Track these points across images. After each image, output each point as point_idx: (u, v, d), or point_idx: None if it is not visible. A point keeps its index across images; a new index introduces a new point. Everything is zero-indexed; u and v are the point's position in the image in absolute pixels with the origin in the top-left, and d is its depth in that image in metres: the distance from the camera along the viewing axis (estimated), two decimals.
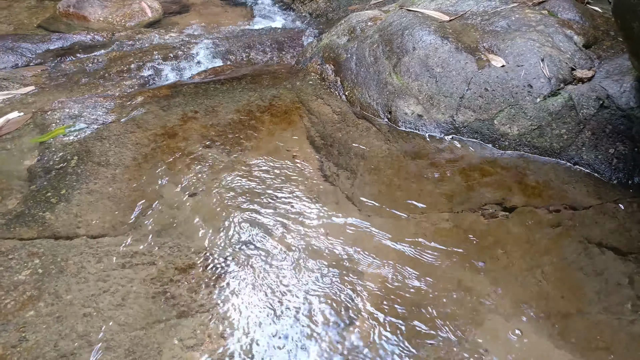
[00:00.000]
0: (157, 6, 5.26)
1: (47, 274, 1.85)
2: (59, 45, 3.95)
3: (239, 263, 1.94)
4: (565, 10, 2.88)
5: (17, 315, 1.70)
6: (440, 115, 2.65)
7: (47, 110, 2.75)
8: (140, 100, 2.88)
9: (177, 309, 1.76)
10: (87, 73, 3.54)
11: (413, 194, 2.28)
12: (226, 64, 3.66)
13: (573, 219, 2.15)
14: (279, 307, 1.78)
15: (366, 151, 2.54)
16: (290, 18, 5.17)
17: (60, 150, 2.46)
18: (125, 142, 2.53)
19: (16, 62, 3.64)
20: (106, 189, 2.25)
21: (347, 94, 2.99)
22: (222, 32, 4.25)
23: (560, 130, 2.45)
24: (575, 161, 2.42)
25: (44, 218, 2.08)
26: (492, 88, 2.56)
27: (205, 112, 2.79)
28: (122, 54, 3.82)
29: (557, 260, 1.96)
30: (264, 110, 2.83)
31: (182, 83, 3.18)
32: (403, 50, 2.80)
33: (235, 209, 2.18)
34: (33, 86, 3.21)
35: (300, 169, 2.42)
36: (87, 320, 1.70)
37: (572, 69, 2.57)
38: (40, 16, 4.88)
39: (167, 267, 1.91)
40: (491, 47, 2.71)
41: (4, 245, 1.95)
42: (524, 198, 2.26)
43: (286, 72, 3.33)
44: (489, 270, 1.92)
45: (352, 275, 1.90)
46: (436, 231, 2.09)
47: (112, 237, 2.04)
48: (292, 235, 2.07)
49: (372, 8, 4.25)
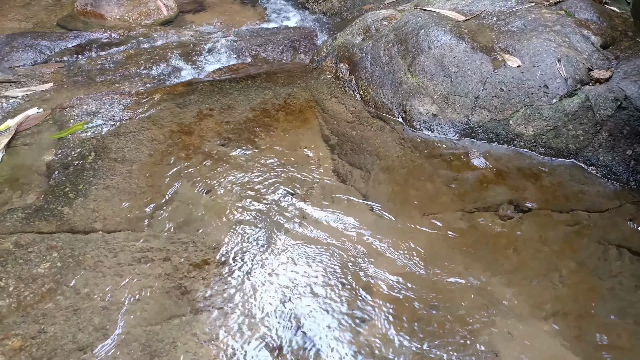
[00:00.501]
0: (172, 4, 5.30)
1: (65, 267, 1.88)
2: (77, 43, 3.99)
3: (253, 259, 1.96)
4: (583, 10, 2.86)
5: (36, 307, 1.73)
6: (455, 115, 2.64)
7: (66, 107, 2.79)
8: (157, 98, 2.91)
9: (192, 304, 1.78)
10: (103, 70, 3.58)
11: (427, 194, 2.28)
12: (241, 62, 3.68)
13: (589, 220, 2.14)
14: (292, 304, 1.79)
15: (380, 150, 2.55)
16: (305, 17, 5.18)
17: (78, 146, 2.50)
18: (141, 139, 2.56)
19: (35, 59, 3.69)
20: (122, 185, 2.28)
21: (362, 93, 2.99)
22: (237, 31, 4.27)
23: (576, 131, 2.44)
24: (591, 163, 2.40)
25: (62, 212, 2.11)
26: (507, 88, 2.55)
27: (221, 110, 2.81)
28: (138, 51, 3.86)
29: (572, 261, 1.95)
30: (279, 109, 2.85)
31: (197, 81, 3.21)
32: (418, 49, 2.80)
33: (249, 206, 2.20)
34: (51, 83, 3.25)
35: (314, 167, 2.43)
36: (104, 314, 1.73)
37: (589, 69, 2.55)
38: (58, 14, 4.94)
39: (182, 263, 1.94)
40: (507, 47, 2.69)
41: (24, 238, 1.98)
42: (539, 199, 2.24)
43: (300, 71, 3.34)
44: (502, 271, 1.92)
45: (365, 274, 1.91)
46: (450, 231, 2.09)
47: (128, 232, 2.06)
48: (305, 233, 2.08)
49: (386, 7, 4.25)
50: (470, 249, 2.01)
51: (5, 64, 3.53)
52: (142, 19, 5.02)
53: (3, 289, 1.78)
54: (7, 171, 2.35)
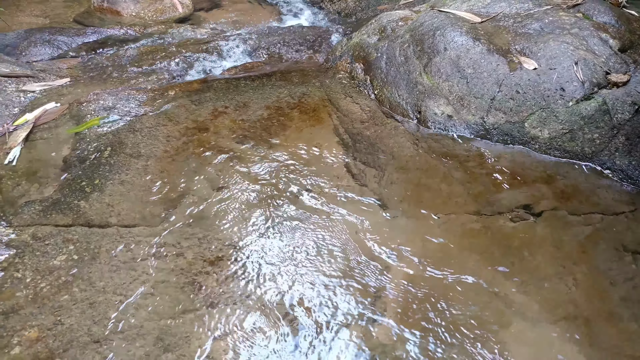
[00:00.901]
0: (187, 2, 5.33)
1: (80, 260, 1.90)
2: (94, 39, 4.03)
3: (266, 256, 1.97)
4: (601, 13, 2.84)
5: (52, 299, 1.75)
6: (470, 116, 2.63)
7: (83, 102, 2.81)
8: (172, 94, 2.93)
9: (206, 299, 1.80)
10: (119, 66, 3.60)
11: (441, 195, 2.27)
12: (256, 61, 3.69)
13: (603, 224, 2.12)
14: (305, 301, 1.80)
15: (394, 150, 2.55)
16: (319, 16, 5.19)
17: (94, 141, 2.52)
18: (157, 135, 2.58)
19: (52, 54, 3.73)
20: (138, 180, 2.30)
21: (377, 93, 2.99)
22: (251, 29, 4.28)
23: (592, 134, 2.42)
24: (607, 166, 2.39)
25: (78, 206, 2.14)
26: (523, 91, 2.54)
27: (236, 108, 2.82)
28: (153, 48, 3.88)
29: (586, 265, 1.94)
30: (293, 107, 2.85)
31: (213, 78, 3.22)
32: (434, 50, 2.79)
33: (262, 203, 2.21)
34: (68, 78, 3.28)
35: (328, 166, 2.44)
36: (119, 308, 1.75)
37: (606, 73, 2.53)
38: (75, 10, 4.99)
39: (195, 258, 1.95)
40: (523, 50, 2.68)
41: (41, 231, 2.01)
42: (553, 202, 2.23)
43: (315, 70, 3.35)
44: (516, 273, 1.91)
45: (378, 274, 1.91)
46: (464, 232, 2.09)
47: (142, 227, 2.08)
48: (318, 231, 2.08)
49: (401, 8, 4.24)
50: (483, 250, 2.01)
51: (23, 59, 3.57)
52: (158, 15, 5.05)
53: (20, 280, 1.80)
54: (25, 164, 2.38)
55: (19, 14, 4.68)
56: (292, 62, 3.73)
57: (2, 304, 1.72)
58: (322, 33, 4.10)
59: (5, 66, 3.12)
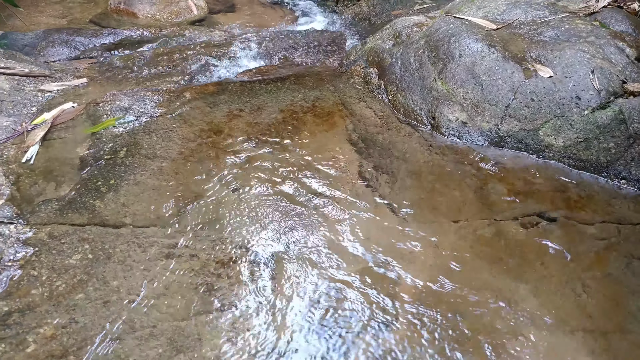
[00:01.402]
0: (203, 4, 5.37)
1: (95, 259, 1.92)
2: (110, 40, 4.08)
3: (278, 259, 1.98)
4: (618, 21, 2.82)
5: (67, 297, 1.77)
6: (484, 123, 2.63)
7: (99, 102, 2.85)
8: (188, 96, 2.95)
9: (218, 301, 1.81)
10: (135, 67, 3.64)
11: (454, 201, 2.27)
12: (271, 64, 3.71)
13: (618, 234, 2.11)
14: (316, 305, 1.80)
15: (407, 156, 2.55)
16: (333, 20, 5.20)
17: (110, 141, 2.54)
18: (172, 136, 2.60)
19: (70, 55, 3.78)
20: (152, 181, 2.32)
21: (391, 98, 3.00)
22: (266, 32, 4.31)
23: (608, 143, 2.41)
24: (622, 176, 2.37)
25: (94, 206, 2.16)
26: (538, 98, 2.53)
27: (250, 111, 2.84)
28: (169, 49, 3.92)
29: (599, 274, 1.93)
30: (307, 111, 2.87)
31: (228, 81, 3.25)
32: (449, 56, 2.79)
33: (275, 206, 2.22)
34: (85, 78, 3.32)
35: (341, 171, 2.44)
36: (132, 307, 1.76)
37: (623, 81, 2.52)
38: (92, 11, 5.05)
39: (208, 260, 1.96)
40: (539, 57, 2.67)
41: (57, 229, 2.03)
42: (566, 210, 2.22)
43: (329, 74, 3.36)
44: (528, 281, 1.91)
45: (389, 281, 1.91)
46: (476, 239, 2.08)
47: (156, 227, 2.10)
48: (331, 235, 2.09)
49: (416, 13, 4.25)
50: (496, 257, 2.00)
51: (41, 59, 3.62)
52: (173, 17, 5.10)
53: (36, 278, 1.83)
54: (43, 163, 2.41)
55: (37, 15, 4.75)
56: (306, 66, 3.75)
57: (19, 301, 1.75)
58: (336, 37, 4.12)
59: (24, 66, 3.17)
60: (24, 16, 4.52)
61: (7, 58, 3.22)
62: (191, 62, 3.64)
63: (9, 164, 2.37)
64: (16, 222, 2.05)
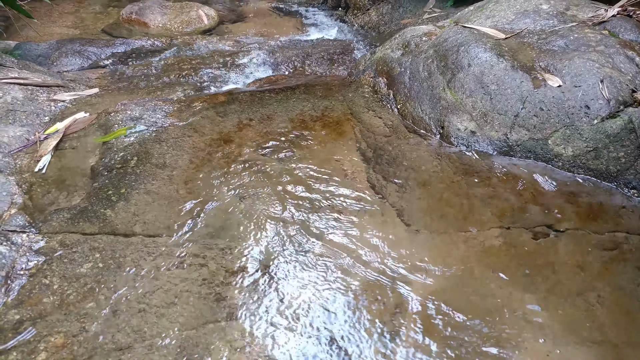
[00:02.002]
0: (213, 14, 5.43)
1: (106, 268, 1.94)
2: (122, 50, 4.13)
3: (287, 268, 1.98)
4: (627, 31, 2.81)
5: (78, 306, 1.79)
6: (493, 132, 2.63)
7: (111, 112, 2.88)
8: (198, 106, 2.98)
9: (227, 310, 1.82)
10: (146, 77, 3.68)
11: (463, 211, 2.27)
12: (280, 74, 3.74)
13: (628, 244, 2.10)
14: (325, 314, 1.81)
15: (416, 165, 2.55)
16: (342, 30, 5.23)
17: (121, 151, 2.57)
18: (182, 146, 2.62)
19: (82, 65, 3.83)
20: (162, 190, 2.34)
21: (399, 108, 3.00)
22: (276, 42, 4.34)
23: (617, 153, 2.39)
24: (632, 185, 2.36)
25: (105, 215, 2.18)
26: (547, 108, 2.53)
27: (260, 120, 2.86)
28: (179, 59, 3.96)
29: (610, 285, 1.92)
30: (316, 120, 2.88)
31: (238, 90, 3.27)
32: (458, 66, 2.80)
33: (284, 215, 2.23)
34: (97, 88, 3.37)
35: (350, 180, 2.45)
36: (142, 316, 1.78)
37: (633, 91, 2.51)
38: (104, 21, 5.12)
39: (218, 269, 1.97)
40: (548, 67, 2.67)
41: (69, 238, 2.05)
42: (576, 220, 2.21)
43: (338, 84, 3.38)
44: (538, 291, 1.90)
45: (398, 289, 1.91)
46: (485, 249, 2.08)
47: (166, 236, 2.11)
48: (339, 244, 2.09)
49: (425, 23, 4.26)
50: (506, 267, 2.00)
51: (54, 68, 3.68)
52: (184, 27, 5.16)
53: (48, 287, 1.85)
54: (55, 172, 2.44)
55: (51, 25, 4.82)
56: (315, 75, 3.77)
57: (30, 309, 1.77)
58: (345, 46, 4.14)
59: (38, 76, 3.22)
60: (38, 27, 4.59)
61: (21, 68, 3.27)
62: (201, 72, 3.68)
63: (22, 173, 2.41)
64: (28, 231, 2.07)
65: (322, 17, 5.56)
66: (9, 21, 4.64)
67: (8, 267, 1.88)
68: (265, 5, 6.17)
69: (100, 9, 5.58)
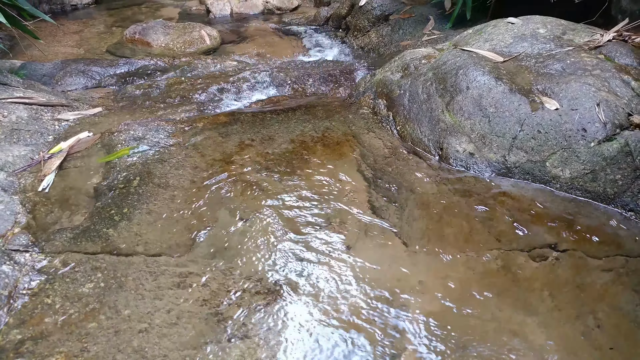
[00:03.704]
0: (215, 34, 5.51)
1: (108, 288, 1.95)
2: (125, 70, 4.18)
3: (288, 290, 2.00)
4: (623, 55, 2.87)
5: (79, 326, 1.80)
6: (492, 154, 2.66)
7: (114, 132, 2.92)
8: (200, 126, 3.02)
9: (228, 331, 1.82)
10: (149, 96, 3.73)
11: (462, 232, 2.29)
12: (282, 95, 3.79)
13: (626, 266, 2.11)
14: (325, 337, 1.82)
15: (416, 186, 2.58)
16: (343, 51, 5.31)
17: (124, 171, 2.60)
18: (184, 166, 2.65)
19: (86, 84, 3.88)
20: (165, 210, 2.36)
21: (399, 129, 3.04)
22: (277, 63, 4.40)
23: (615, 175, 2.42)
24: (630, 208, 2.38)
25: (107, 234, 2.20)
26: (545, 130, 2.56)
27: (261, 141, 2.90)
28: (181, 79, 4.01)
29: (609, 308, 1.93)
30: (317, 141, 2.92)
31: (240, 111, 3.31)
32: (457, 89, 2.85)
33: (285, 235, 2.25)
34: (100, 107, 3.41)
35: (350, 200, 2.47)
36: (143, 336, 1.78)
37: (629, 114, 2.55)
38: (108, 41, 5.20)
39: (219, 289, 1.99)
40: (545, 90, 2.72)
41: (71, 258, 2.07)
42: (574, 242, 2.23)
43: (339, 105, 3.42)
44: (536, 314, 1.91)
45: (397, 311, 1.92)
46: (484, 271, 2.09)
47: (168, 256, 2.13)
48: (339, 265, 2.11)
49: (424, 45, 4.33)
50: (504, 289, 2.01)
51: (58, 88, 3.73)
52: (186, 47, 5.23)
53: (50, 306, 1.86)
54: (58, 192, 2.47)
55: (56, 44, 4.89)
56: (316, 96, 3.82)
57: (32, 329, 1.78)
58: (345, 68, 4.20)
59: (42, 95, 3.26)
60: (43, 46, 4.66)
61: (26, 88, 3.32)
62: (203, 92, 3.72)
63: (26, 193, 2.43)
64: (31, 250, 2.09)
65: (322, 38, 5.64)
66: (14, 40, 4.71)
67: (11, 286, 1.90)
68: (266, 26, 6.27)
69: (105, 29, 5.67)
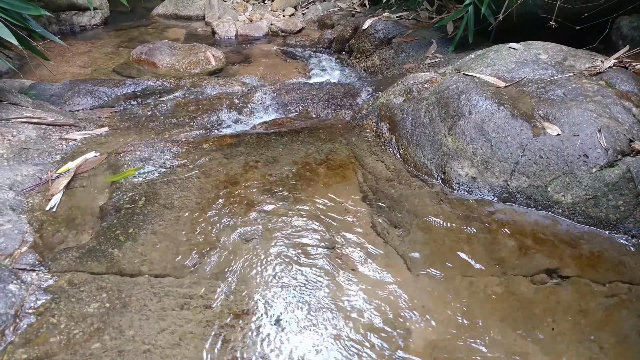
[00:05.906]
0: (220, 55, 5.59)
1: (112, 308, 1.97)
2: (131, 90, 4.24)
3: (291, 312, 2.00)
4: (624, 82, 2.91)
5: (84, 345, 1.81)
6: (494, 179, 2.69)
7: (120, 152, 2.95)
8: (206, 147, 3.06)
9: (231, 353, 1.83)
10: (155, 117, 3.78)
11: (464, 256, 2.30)
12: (286, 117, 3.83)
13: (630, 293, 2.12)
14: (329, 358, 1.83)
15: (418, 210, 2.60)
16: (346, 73, 5.37)
17: (129, 191, 2.63)
18: (190, 187, 2.68)
19: (94, 104, 3.94)
20: (170, 231, 2.38)
21: (402, 152, 3.08)
22: (281, 85, 4.46)
23: (617, 201, 2.44)
24: (632, 234, 2.40)
25: (112, 254, 2.22)
26: (546, 155, 2.59)
27: (266, 163, 2.93)
28: (187, 100, 4.07)
29: (611, 334, 1.93)
30: (320, 164, 2.95)
31: (245, 133, 3.36)
32: (459, 113, 2.89)
33: (288, 257, 2.26)
34: (107, 127, 3.45)
35: (352, 223, 2.50)
36: (147, 357, 1.79)
37: (630, 140, 2.58)
38: (115, 61, 5.28)
39: (222, 311, 2.00)
40: (547, 115, 2.75)
41: (77, 277, 2.09)
42: (577, 268, 2.24)
43: (342, 128, 3.46)
44: (539, 339, 1.91)
45: (400, 335, 1.92)
46: (487, 296, 2.10)
47: (172, 277, 2.15)
48: (341, 288, 2.12)
49: (427, 68, 4.39)
50: (506, 314, 2.02)
51: (67, 108, 3.78)
52: (192, 68, 5.30)
53: (55, 326, 1.87)
54: (65, 211, 2.49)
55: (64, 64, 4.97)
56: (319, 118, 3.86)
57: (37, 349, 1.78)
58: (348, 90, 4.25)
59: (51, 115, 3.31)
60: (52, 66, 4.73)
61: (35, 107, 3.37)
62: (209, 113, 3.77)
63: (34, 212, 2.46)
64: (38, 269, 2.11)
65: (326, 61, 5.71)
66: (24, 60, 4.79)
67: (17, 305, 1.91)
68: (271, 48, 6.36)
69: (112, 49, 5.76)
